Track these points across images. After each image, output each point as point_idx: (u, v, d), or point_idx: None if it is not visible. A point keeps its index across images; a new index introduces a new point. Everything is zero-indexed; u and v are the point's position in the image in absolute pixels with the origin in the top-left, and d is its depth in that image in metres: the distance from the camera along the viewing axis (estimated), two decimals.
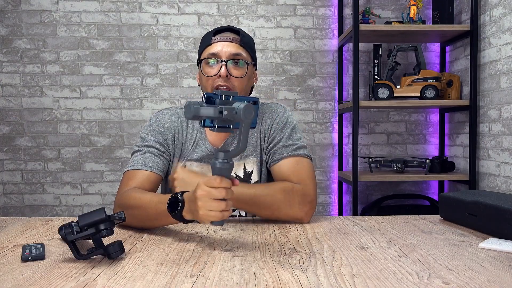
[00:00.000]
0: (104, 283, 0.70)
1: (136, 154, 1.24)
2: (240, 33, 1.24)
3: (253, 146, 1.29)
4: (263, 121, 1.29)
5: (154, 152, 1.23)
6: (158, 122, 1.28)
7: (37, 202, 2.73)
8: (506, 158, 2.12)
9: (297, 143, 1.24)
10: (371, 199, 2.81)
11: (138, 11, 2.72)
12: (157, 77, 2.74)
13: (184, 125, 1.29)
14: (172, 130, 1.28)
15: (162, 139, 1.26)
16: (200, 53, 1.26)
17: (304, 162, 1.21)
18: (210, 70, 1.21)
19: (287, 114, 1.29)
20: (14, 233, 1.05)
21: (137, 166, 1.20)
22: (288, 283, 0.70)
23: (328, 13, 2.76)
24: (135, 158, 1.23)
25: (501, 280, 0.71)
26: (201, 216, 0.89)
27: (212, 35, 1.23)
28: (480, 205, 1.03)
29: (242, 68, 1.21)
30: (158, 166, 1.22)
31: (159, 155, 1.24)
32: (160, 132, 1.27)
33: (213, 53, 1.20)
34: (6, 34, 2.69)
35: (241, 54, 1.21)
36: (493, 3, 2.23)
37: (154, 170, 1.20)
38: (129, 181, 1.18)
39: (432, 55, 2.80)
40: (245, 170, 1.28)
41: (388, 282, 0.70)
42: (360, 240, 0.97)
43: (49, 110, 2.72)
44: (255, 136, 1.29)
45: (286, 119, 1.27)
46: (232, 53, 1.19)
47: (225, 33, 1.23)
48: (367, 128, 2.81)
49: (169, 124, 1.28)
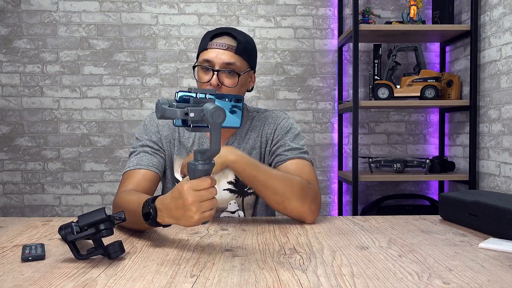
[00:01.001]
0: (104, 283, 0.70)
1: (132, 155, 1.26)
2: (238, 39, 1.21)
3: (253, 149, 1.30)
4: (265, 126, 1.31)
5: (148, 151, 1.25)
6: (153, 122, 1.30)
7: (37, 202, 2.73)
8: (506, 158, 2.12)
9: (302, 148, 1.26)
10: (371, 199, 2.81)
11: (138, 11, 2.72)
12: (157, 77, 2.74)
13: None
14: (167, 129, 1.30)
15: (156, 137, 1.28)
16: (198, 54, 1.27)
17: (309, 166, 1.24)
18: (203, 76, 1.22)
19: (291, 121, 1.32)
20: (14, 233, 1.05)
21: (132, 166, 1.22)
22: (288, 283, 0.70)
23: (328, 13, 2.76)
24: (131, 159, 1.25)
25: (501, 280, 0.71)
26: (196, 221, 0.86)
27: (209, 38, 1.22)
28: (480, 205, 1.03)
29: (234, 78, 1.21)
30: (153, 163, 1.23)
31: (153, 153, 1.25)
32: (154, 132, 1.28)
33: (207, 60, 1.20)
34: (6, 34, 2.69)
35: (234, 64, 1.20)
36: (493, 3, 2.23)
37: (149, 168, 1.22)
38: (126, 182, 1.19)
39: (432, 55, 2.80)
40: None
41: (388, 282, 0.70)
42: (360, 240, 0.97)
43: (49, 110, 2.72)
44: (256, 140, 1.30)
45: (290, 125, 1.30)
46: (225, 62, 1.19)
47: (222, 38, 1.22)
48: (367, 128, 2.81)
49: (164, 123, 1.30)
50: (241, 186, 1.29)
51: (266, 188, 1.11)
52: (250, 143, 1.30)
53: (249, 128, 1.32)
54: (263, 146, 1.31)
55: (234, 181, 1.28)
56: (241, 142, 1.30)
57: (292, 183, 1.12)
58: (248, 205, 1.32)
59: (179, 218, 0.87)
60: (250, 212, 1.33)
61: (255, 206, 1.33)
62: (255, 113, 1.34)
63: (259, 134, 1.31)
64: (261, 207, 1.34)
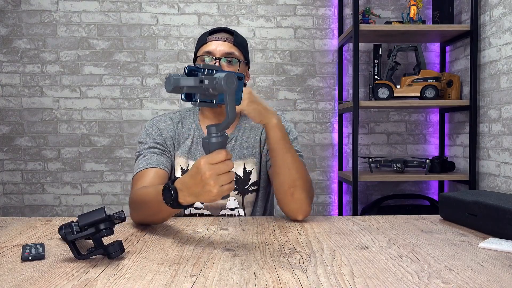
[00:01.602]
0: (104, 283, 0.70)
1: (139, 158, 1.27)
2: (234, 34, 1.30)
3: (253, 148, 1.33)
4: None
5: (156, 152, 1.27)
6: (154, 127, 1.33)
7: (37, 202, 2.73)
8: (506, 158, 2.12)
9: (300, 152, 1.29)
10: (371, 199, 2.81)
11: (138, 11, 2.72)
12: (157, 77, 2.74)
13: (179, 126, 1.34)
14: (169, 131, 1.32)
15: (160, 140, 1.30)
16: (196, 51, 1.33)
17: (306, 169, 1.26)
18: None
19: (290, 125, 1.36)
20: (14, 233, 1.05)
21: (143, 167, 1.23)
22: (288, 283, 0.70)
23: (328, 13, 2.76)
24: (139, 162, 1.26)
25: (501, 280, 0.71)
26: (216, 194, 0.86)
27: (207, 34, 1.29)
28: (480, 205, 1.03)
29: (234, 66, 1.27)
30: (163, 163, 1.25)
31: (161, 154, 1.27)
32: (157, 135, 1.31)
33: (208, 51, 1.26)
34: (6, 34, 2.69)
35: (234, 53, 1.27)
36: (493, 3, 2.23)
37: (160, 166, 1.23)
38: (138, 181, 1.20)
39: (432, 55, 2.80)
40: (245, 170, 1.31)
41: (388, 282, 0.70)
42: (360, 240, 0.97)
43: (49, 110, 2.72)
44: (256, 139, 1.34)
45: (289, 128, 1.34)
46: (225, 51, 1.25)
47: (220, 33, 1.29)
48: (367, 128, 2.81)
49: (165, 127, 1.33)
50: (243, 183, 1.30)
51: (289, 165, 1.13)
52: (250, 142, 1.34)
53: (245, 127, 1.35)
54: (263, 144, 1.34)
55: (235, 178, 1.29)
56: (240, 140, 1.33)
57: (308, 176, 1.19)
58: (249, 203, 1.33)
59: (199, 194, 0.87)
60: (250, 210, 1.34)
61: (254, 204, 1.34)
62: None
63: (259, 133, 1.35)
64: (260, 205, 1.35)
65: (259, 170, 1.33)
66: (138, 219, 1.12)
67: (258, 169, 1.33)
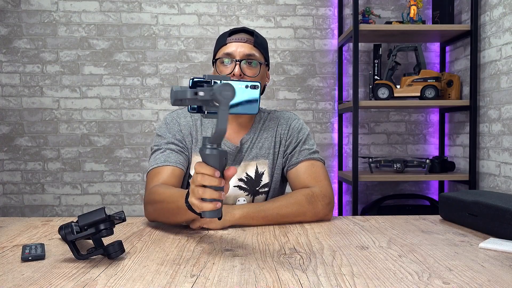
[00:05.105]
0: (104, 283, 0.70)
1: (157, 153, 1.25)
2: (254, 34, 1.26)
3: (267, 149, 1.31)
4: (278, 126, 1.33)
5: (174, 149, 1.25)
6: (174, 121, 1.30)
7: (37, 202, 2.73)
8: (506, 158, 2.12)
9: (312, 148, 1.30)
10: (371, 199, 2.81)
11: (138, 11, 2.72)
12: (157, 77, 2.74)
13: (198, 123, 1.31)
14: (188, 128, 1.30)
15: (180, 136, 1.28)
16: (215, 52, 1.29)
17: (319, 165, 1.28)
18: (224, 69, 1.23)
19: (301, 122, 1.36)
20: (14, 233, 1.05)
21: (160, 163, 1.21)
22: (288, 283, 0.70)
23: (328, 13, 2.76)
24: (156, 157, 1.24)
25: (501, 280, 0.71)
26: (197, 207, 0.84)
27: (227, 35, 1.25)
28: (480, 205, 1.03)
29: (255, 68, 1.24)
30: (180, 161, 1.24)
31: (179, 152, 1.25)
32: (177, 130, 1.28)
33: (228, 53, 1.22)
34: (6, 34, 2.69)
35: (254, 55, 1.23)
36: (493, 3, 2.23)
37: (177, 165, 1.22)
38: (155, 178, 1.19)
39: (432, 55, 2.80)
40: (257, 171, 1.29)
41: (388, 282, 0.70)
42: (360, 240, 0.97)
43: (49, 110, 2.72)
44: (270, 140, 1.32)
45: (301, 125, 1.34)
46: (246, 53, 1.22)
47: (239, 34, 1.26)
48: (367, 128, 2.81)
49: (185, 122, 1.30)
50: (253, 185, 1.29)
51: (279, 220, 1.15)
52: (266, 143, 1.31)
53: (261, 128, 1.33)
54: (277, 146, 1.32)
55: (245, 178, 1.28)
56: (254, 141, 1.31)
57: (299, 201, 1.17)
58: None
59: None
60: None
61: None
62: (266, 113, 1.36)
63: (273, 134, 1.32)
64: None
65: (272, 172, 1.31)
66: (153, 217, 1.12)
67: (270, 171, 1.31)
